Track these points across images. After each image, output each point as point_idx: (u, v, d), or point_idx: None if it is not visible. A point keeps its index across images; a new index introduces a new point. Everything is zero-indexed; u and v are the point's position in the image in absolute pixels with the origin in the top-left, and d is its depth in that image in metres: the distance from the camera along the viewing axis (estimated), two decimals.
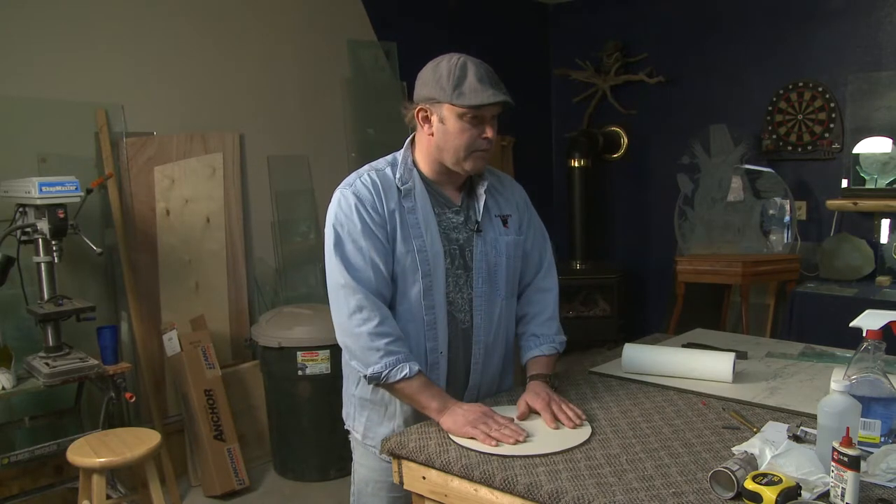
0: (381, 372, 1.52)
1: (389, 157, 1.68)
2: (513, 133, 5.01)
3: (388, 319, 1.56)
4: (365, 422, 1.71)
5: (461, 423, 1.48)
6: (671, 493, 1.21)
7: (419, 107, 1.60)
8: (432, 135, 1.59)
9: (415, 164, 1.65)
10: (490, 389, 1.76)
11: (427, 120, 1.60)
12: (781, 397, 1.66)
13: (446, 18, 4.62)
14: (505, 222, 1.72)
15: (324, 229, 1.64)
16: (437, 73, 1.56)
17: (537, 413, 1.56)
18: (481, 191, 1.69)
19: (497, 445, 1.42)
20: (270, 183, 3.81)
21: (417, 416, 1.63)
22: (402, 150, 1.68)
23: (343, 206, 1.58)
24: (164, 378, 3.38)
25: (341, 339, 1.58)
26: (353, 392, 1.72)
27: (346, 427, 1.78)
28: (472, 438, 1.45)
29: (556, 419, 1.52)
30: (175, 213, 3.41)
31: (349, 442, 1.80)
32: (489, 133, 1.58)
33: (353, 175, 1.64)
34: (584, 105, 5.25)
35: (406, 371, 1.53)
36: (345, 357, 1.65)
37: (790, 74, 4.34)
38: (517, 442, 1.43)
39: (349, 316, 1.54)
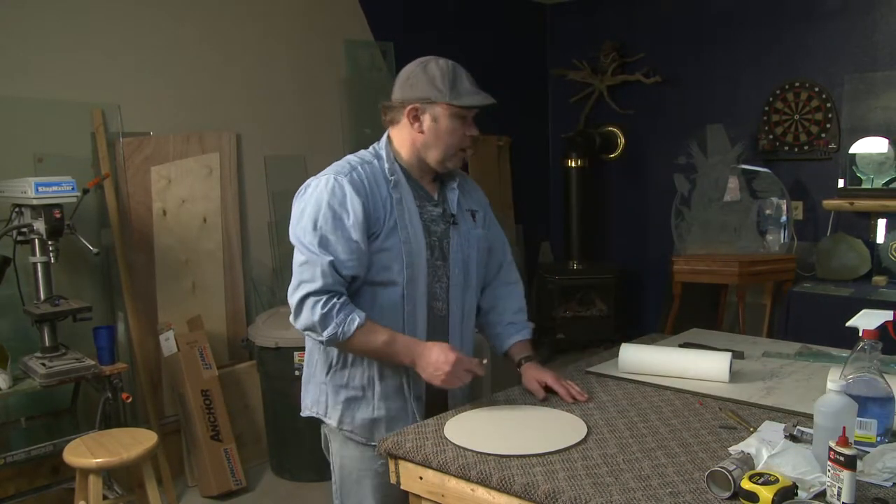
0: (337, 330, 1.58)
1: (370, 151, 1.75)
2: (509, 133, 4.99)
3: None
4: (341, 409, 1.71)
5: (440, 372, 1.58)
6: (668, 492, 1.21)
7: (412, 105, 1.67)
8: (422, 132, 1.68)
9: (396, 158, 1.72)
10: None
11: (417, 118, 1.67)
12: (778, 397, 1.66)
13: (443, 18, 4.61)
14: (473, 217, 1.82)
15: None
16: (428, 74, 1.65)
17: (553, 392, 1.69)
18: (454, 185, 1.78)
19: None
20: (267, 183, 3.81)
21: (394, 398, 1.69)
22: (383, 145, 1.74)
23: (337, 193, 1.63)
24: (160, 378, 3.37)
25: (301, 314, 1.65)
26: (324, 380, 1.73)
27: (310, 415, 1.78)
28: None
29: (569, 394, 1.68)
30: (172, 214, 3.41)
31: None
32: (475, 132, 1.71)
33: (344, 164, 1.70)
34: (581, 105, 5.24)
35: (358, 320, 1.58)
36: (309, 344, 1.75)
37: (786, 74, 4.34)
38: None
39: (309, 290, 1.61)
